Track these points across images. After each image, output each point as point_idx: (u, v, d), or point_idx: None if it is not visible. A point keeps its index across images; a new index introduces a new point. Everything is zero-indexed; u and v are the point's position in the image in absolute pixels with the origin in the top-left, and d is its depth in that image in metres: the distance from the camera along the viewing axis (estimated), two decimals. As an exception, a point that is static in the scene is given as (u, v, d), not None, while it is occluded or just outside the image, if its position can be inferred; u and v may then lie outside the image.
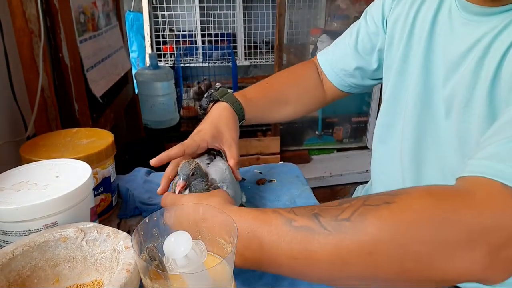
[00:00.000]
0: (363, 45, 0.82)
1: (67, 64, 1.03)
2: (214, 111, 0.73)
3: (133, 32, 2.74)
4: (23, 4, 0.89)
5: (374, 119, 2.41)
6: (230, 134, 0.70)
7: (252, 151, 2.15)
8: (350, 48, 0.83)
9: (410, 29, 0.69)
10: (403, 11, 0.71)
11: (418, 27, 0.68)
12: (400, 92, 0.72)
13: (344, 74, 0.85)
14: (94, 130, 0.77)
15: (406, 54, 0.70)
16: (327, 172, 2.27)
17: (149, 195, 0.81)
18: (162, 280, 0.40)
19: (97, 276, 0.51)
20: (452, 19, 0.62)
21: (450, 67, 0.61)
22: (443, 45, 0.63)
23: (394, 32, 0.73)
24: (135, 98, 1.87)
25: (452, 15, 0.62)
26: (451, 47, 0.61)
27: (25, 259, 0.48)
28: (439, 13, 0.65)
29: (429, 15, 0.66)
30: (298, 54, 2.52)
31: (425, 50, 0.65)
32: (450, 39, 0.62)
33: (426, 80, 0.65)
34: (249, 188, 0.83)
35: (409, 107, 0.68)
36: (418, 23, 0.68)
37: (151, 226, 0.46)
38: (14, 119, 0.90)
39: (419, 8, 0.69)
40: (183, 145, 0.64)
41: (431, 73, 0.65)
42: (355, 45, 0.82)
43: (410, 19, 0.69)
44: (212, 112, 0.74)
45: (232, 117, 0.73)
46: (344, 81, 0.87)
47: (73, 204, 0.53)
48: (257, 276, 0.59)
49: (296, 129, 2.42)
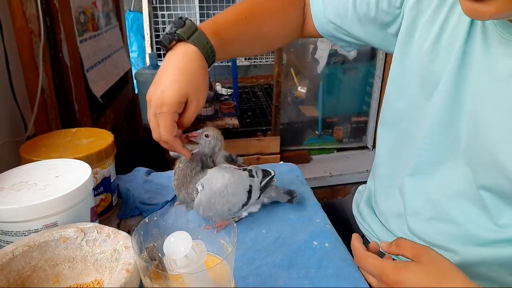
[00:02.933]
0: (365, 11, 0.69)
1: (67, 64, 1.03)
2: (179, 59, 0.59)
3: (133, 32, 2.74)
4: (23, 4, 0.89)
5: (374, 119, 2.41)
6: (196, 95, 0.58)
7: (252, 151, 2.14)
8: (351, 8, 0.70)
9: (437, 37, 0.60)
10: (428, 9, 0.61)
11: (446, 38, 0.59)
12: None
13: (334, 28, 0.74)
14: (94, 130, 0.77)
15: (432, 60, 0.61)
16: (327, 172, 2.27)
17: (149, 195, 0.81)
18: (162, 280, 0.40)
19: (97, 276, 0.51)
20: (488, 36, 0.54)
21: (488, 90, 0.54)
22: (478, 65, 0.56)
23: (415, 25, 0.63)
24: (135, 98, 1.87)
25: (487, 32, 0.54)
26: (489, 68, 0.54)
27: (25, 259, 0.48)
28: (472, 30, 0.56)
29: (460, 30, 0.57)
30: (298, 54, 2.52)
31: (456, 66, 0.57)
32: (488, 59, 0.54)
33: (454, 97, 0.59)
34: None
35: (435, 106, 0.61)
36: (446, 35, 0.59)
37: (151, 226, 0.46)
38: (14, 119, 0.90)
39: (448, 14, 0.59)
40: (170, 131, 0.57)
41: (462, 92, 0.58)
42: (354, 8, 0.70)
43: (437, 24, 0.60)
44: (176, 58, 0.59)
45: (201, 70, 0.60)
46: (329, 32, 0.76)
47: (73, 204, 0.53)
48: (254, 273, 0.59)
49: (296, 129, 2.41)
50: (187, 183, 0.64)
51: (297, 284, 0.58)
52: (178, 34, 0.59)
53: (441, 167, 0.63)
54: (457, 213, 0.61)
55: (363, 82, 2.39)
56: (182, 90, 0.56)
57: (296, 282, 0.58)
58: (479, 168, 0.57)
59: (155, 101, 0.57)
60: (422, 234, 0.65)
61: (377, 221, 0.76)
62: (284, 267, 0.61)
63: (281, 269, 0.60)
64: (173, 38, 0.60)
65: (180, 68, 0.58)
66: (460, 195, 0.61)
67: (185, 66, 0.58)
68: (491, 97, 0.54)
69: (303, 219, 0.73)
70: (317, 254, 0.64)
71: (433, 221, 0.64)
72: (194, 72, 0.58)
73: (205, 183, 0.63)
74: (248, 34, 0.70)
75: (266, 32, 0.74)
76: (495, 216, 0.57)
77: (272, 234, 0.68)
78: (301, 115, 2.42)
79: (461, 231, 0.61)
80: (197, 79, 0.59)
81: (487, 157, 0.55)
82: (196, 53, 0.59)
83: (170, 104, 0.56)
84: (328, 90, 2.35)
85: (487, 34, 0.54)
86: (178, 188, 0.65)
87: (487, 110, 0.54)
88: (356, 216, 0.83)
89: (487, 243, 0.58)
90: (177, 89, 0.56)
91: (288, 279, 0.58)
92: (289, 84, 2.38)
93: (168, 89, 0.56)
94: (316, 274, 0.60)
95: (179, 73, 0.57)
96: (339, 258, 0.63)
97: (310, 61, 2.36)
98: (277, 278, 0.59)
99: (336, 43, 0.79)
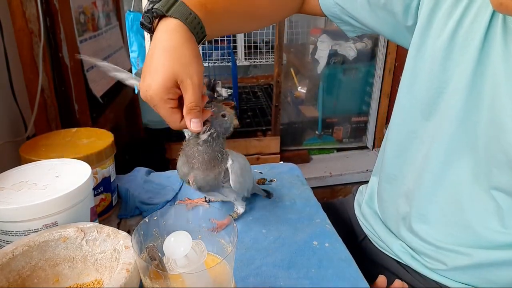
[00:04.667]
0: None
1: (67, 64, 1.03)
2: (161, 38, 0.53)
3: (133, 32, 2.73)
4: (23, 4, 0.89)
5: (374, 119, 2.41)
6: (185, 72, 0.51)
7: (252, 151, 2.14)
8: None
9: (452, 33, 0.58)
10: (445, 3, 0.59)
11: (464, 32, 0.57)
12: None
13: (340, 9, 0.72)
14: (94, 130, 0.77)
15: (446, 56, 0.59)
16: (327, 172, 2.26)
17: (149, 195, 0.81)
18: (162, 280, 0.40)
19: (97, 276, 0.51)
20: (508, 34, 0.52)
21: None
22: (497, 64, 0.54)
23: (432, 19, 0.60)
24: (135, 98, 1.87)
25: (508, 30, 0.52)
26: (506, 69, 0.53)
27: (25, 259, 0.48)
28: (491, 27, 0.54)
29: (479, 27, 0.55)
30: (298, 54, 2.52)
31: (473, 64, 0.55)
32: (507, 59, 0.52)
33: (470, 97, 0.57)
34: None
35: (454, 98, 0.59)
36: (464, 28, 0.57)
37: (151, 226, 0.46)
38: (14, 119, 0.90)
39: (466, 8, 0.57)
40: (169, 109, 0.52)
41: (480, 92, 0.56)
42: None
43: (455, 16, 0.57)
44: (158, 38, 0.53)
45: (186, 43, 0.52)
46: (335, 14, 0.73)
47: (73, 204, 0.53)
48: (254, 273, 0.59)
49: (296, 129, 2.42)
50: (218, 164, 0.61)
51: (297, 284, 0.58)
52: (156, 9, 0.53)
53: (452, 168, 0.61)
54: (468, 216, 0.60)
55: (363, 82, 2.39)
56: (165, 74, 0.50)
57: (296, 282, 0.58)
58: (494, 169, 0.56)
59: (144, 97, 0.52)
60: (429, 238, 0.64)
61: (380, 222, 0.75)
62: (284, 267, 0.61)
63: (281, 269, 0.60)
64: (152, 16, 0.54)
65: (162, 48, 0.52)
66: (471, 197, 0.59)
67: (166, 45, 0.52)
68: (511, 98, 0.52)
69: (303, 219, 0.73)
70: (317, 254, 0.64)
71: (442, 224, 0.63)
72: (177, 49, 0.52)
73: (233, 158, 0.64)
74: (239, 6, 0.65)
75: (257, 8, 0.68)
76: (506, 218, 0.56)
77: (272, 234, 0.68)
78: (301, 115, 2.42)
79: (471, 233, 0.59)
80: (182, 55, 0.51)
81: (503, 157, 0.54)
82: (178, 27, 0.52)
83: (157, 95, 0.51)
84: (328, 90, 2.36)
85: (507, 32, 0.52)
86: (205, 172, 0.61)
87: (507, 110, 0.53)
88: (358, 217, 0.82)
89: (498, 246, 0.57)
90: (159, 76, 0.50)
91: (288, 279, 0.58)
92: (289, 84, 2.38)
93: (151, 80, 0.51)
94: (316, 274, 0.60)
95: (161, 55, 0.51)
96: (339, 258, 0.63)
97: (310, 61, 2.36)
98: (277, 278, 0.59)
99: (340, 26, 0.76)
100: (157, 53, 0.52)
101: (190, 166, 0.61)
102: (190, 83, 0.51)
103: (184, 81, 0.51)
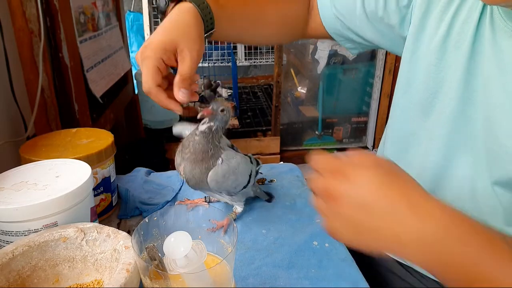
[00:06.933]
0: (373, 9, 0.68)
1: (67, 64, 1.03)
2: (173, 14, 0.57)
3: (133, 32, 2.74)
4: (23, 4, 0.89)
5: (374, 119, 2.41)
6: (187, 44, 0.54)
7: (252, 151, 2.15)
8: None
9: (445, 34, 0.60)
10: (436, 8, 0.61)
11: (454, 36, 0.59)
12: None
13: (341, 25, 0.73)
14: (94, 130, 0.77)
15: (440, 57, 0.61)
16: (327, 172, 2.27)
17: (149, 195, 0.81)
18: (162, 280, 0.40)
19: (97, 276, 0.51)
20: (496, 32, 0.54)
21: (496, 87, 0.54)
22: (487, 61, 0.55)
23: (424, 23, 0.63)
24: (135, 98, 1.87)
25: (495, 27, 0.54)
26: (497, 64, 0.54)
27: (25, 259, 0.48)
28: (480, 25, 0.56)
29: (469, 27, 0.57)
30: (298, 54, 2.52)
31: (465, 63, 0.57)
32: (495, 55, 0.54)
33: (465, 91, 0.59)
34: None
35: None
36: (454, 32, 0.59)
37: (151, 226, 0.46)
38: (14, 119, 0.90)
39: (456, 11, 0.59)
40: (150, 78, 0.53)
41: (473, 89, 0.58)
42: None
43: (445, 21, 0.60)
44: (171, 14, 0.58)
45: (195, 22, 0.56)
46: (337, 30, 0.75)
47: (73, 204, 0.53)
48: (254, 273, 0.59)
49: (296, 129, 2.42)
50: (208, 158, 0.62)
51: (297, 284, 0.58)
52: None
53: (452, 166, 0.62)
54: (470, 213, 0.59)
55: (363, 82, 2.40)
56: (168, 36, 0.54)
57: (296, 282, 0.58)
58: (494, 165, 0.56)
59: (140, 49, 0.54)
60: None
61: None
62: (284, 267, 0.61)
63: (281, 269, 0.60)
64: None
65: (172, 21, 0.56)
66: (472, 194, 0.59)
67: (175, 18, 0.56)
68: (503, 92, 0.53)
69: (303, 219, 0.73)
70: (317, 254, 0.64)
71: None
72: (185, 22, 0.55)
73: (225, 158, 0.63)
74: (248, 7, 0.69)
75: (268, 15, 0.72)
76: (509, 214, 0.56)
77: (272, 234, 0.68)
78: (301, 115, 2.43)
79: None
80: (189, 30, 0.55)
81: (502, 151, 0.54)
82: (191, 9, 0.57)
83: (154, 47, 0.53)
84: (328, 90, 2.36)
85: (495, 29, 0.54)
86: (193, 164, 0.62)
87: (500, 105, 0.54)
88: None
89: None
90: (162, 35, 0.54)
91: (288, 279, 0.58)
92: (289, 84, 2.39)
93: (154, 37, 0.54)
94: (316, 274, 0.60)
95: (170, 25, 0.55)
96: (339, 258, 0.63)
97: (310, 61, 2.37)
98: (277, 278, 0.59)
99: (343, 44, 0.78)
100: (167, 22, 0.56)
101: (182, 157, 0.63)
102: (189, 55, 0.54)
103: (184, 51, 0.54)
